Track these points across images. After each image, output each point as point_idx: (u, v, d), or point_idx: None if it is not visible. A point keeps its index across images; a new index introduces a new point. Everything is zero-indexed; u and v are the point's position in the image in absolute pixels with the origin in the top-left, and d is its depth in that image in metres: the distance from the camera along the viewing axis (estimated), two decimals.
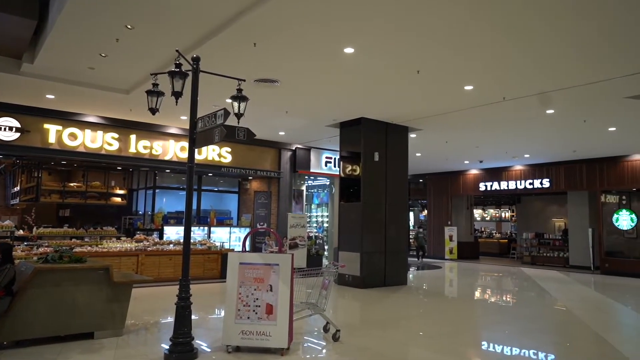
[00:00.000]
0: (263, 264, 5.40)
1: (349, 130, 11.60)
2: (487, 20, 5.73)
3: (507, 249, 22.45)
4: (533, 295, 11.27)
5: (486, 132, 12.34)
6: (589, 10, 5.41)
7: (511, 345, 6.28)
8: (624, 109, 9.52)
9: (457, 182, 20.05)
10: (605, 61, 7.01)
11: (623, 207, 15.61)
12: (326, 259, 15.10)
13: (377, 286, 10.85)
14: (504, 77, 7.87)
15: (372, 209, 11.13)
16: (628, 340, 6.93)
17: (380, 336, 6.48)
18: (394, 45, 6.58)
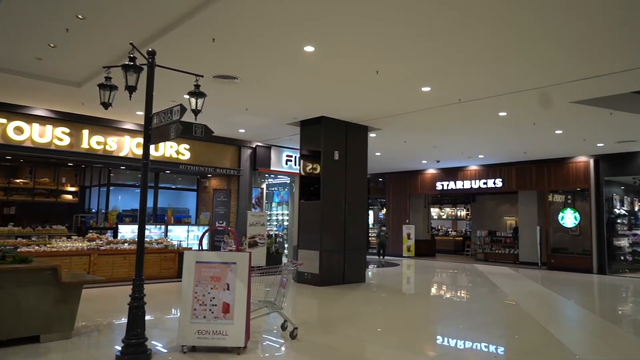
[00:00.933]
0: (220, 263, 5.35)
1: (309, 129, 11.63)
2: (444, 24, 5.88)
3: (462, 246, 23.18)
4: (485, 290, 11.69)
5: (443, 133, 12.68)
6: (536, 18, 5.66)
7: (464, 339, 6.51)
8: (570, 113, 10.02)
9: (416, 182, 20.49)
10: (552, 67, 7.35)
11: (568, 206, 16.43)
12: (286, 258, 15.08)
13: (336, 284, 10.95)
14: (460, 80, 8.11)
15: (332, 207, 11.22)
16: (569, 332, 7.32)
17: (338, 333, 6.55)
18: (354, 45, 6.65)
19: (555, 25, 5.86)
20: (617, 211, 16.01)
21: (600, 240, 15.12)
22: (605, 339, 6.77)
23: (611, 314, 9.05)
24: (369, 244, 23.12)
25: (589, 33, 6.04)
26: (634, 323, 8.24)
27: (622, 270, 15.38)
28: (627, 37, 6.13)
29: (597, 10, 5.39)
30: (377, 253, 19.01)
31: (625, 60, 6.97)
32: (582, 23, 5.75)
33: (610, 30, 5.92)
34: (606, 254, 15.01)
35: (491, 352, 5.88)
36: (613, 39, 6.22)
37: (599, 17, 5.57)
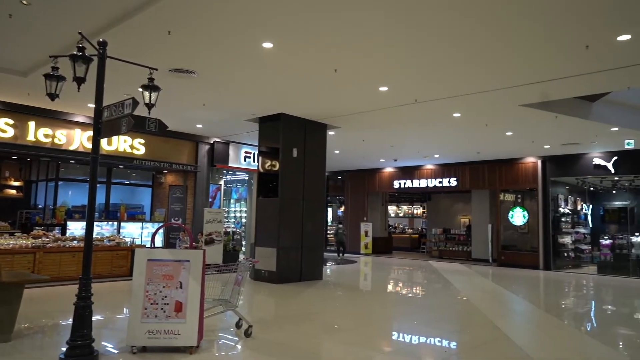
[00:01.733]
0: (173, 260, 5.23)
1: (268, 126, 11.56)
2: (401, 25, 5.98)
3: (418, 244, 23.72)
4: (439, 287, 12.01)
5: (400, 132, 12.92)
6: (485, 25, 5.85)
7: (419, 335, 6.67)
8: (520, 116, 10.43)
9: (374, 180, 20.78)
10: (502, 71, 7.63)
11: (517, 205, 17.14)
12: (244, 255, 14.96)
13: (293, 281, 10.95)
14: (416, 81, 8.28)
15: (290, 204, 11.20)
16: (516, 326, 7.65)
17: (294, 330, 6.55)
18: (313, 43, 6.66)
19: (504, 31, 6.08)
20: (562, 210, 16.84)
21: (547, 237, 15.85)
22: (548, 332, 7.11)
23: (555, 308, 9.52)
24: (327, 241, 23.28)
25: (535, 40, 6.30)
26: (575, 316, 8.71)
27: (566, 266, 16.21)
28: (570, 45, 6.44)
29: (541, 19, 5.64)
30: (337, 251, 19.14)
31: (569, 67, 7.33)
32: (527, 30, 6.00)
33: (554, 38, 6.20)
34: (551, 250, 15.76)
35: (443, 347, 6.06)
36: (557, 46, 6.52)
37: (541, 26, 5.83)
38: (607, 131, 11.74)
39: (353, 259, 18.03)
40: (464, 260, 18.41)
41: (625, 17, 5.58)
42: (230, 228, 16.73)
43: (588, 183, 17.51)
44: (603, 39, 6.20)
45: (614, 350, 6.16)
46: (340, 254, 18.84)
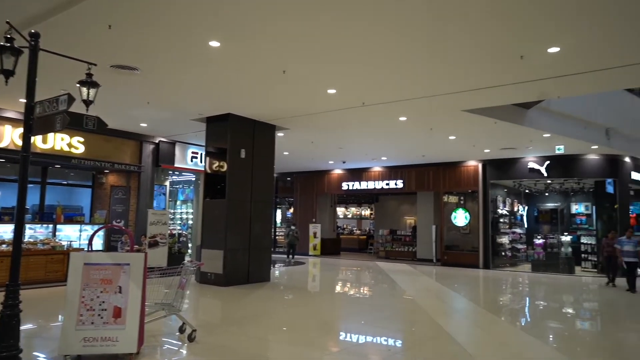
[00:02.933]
0: (112, 264, 5.02)
1: (215, 126, 11.35)
2: (349, 28, 6.06)
3: (366, 245, 24.12)
4: (385, 287, 12.27)
5: (349, 135, 13.09)
6: (428, 32, 6.05)
7: (366, 334, 6.79)
8: (462, 121, 10.86)
9: (323, 181, 20.92)
10: (446, 77, 7.91)
11: (460, 206, 17.83)
12: (190, 257, 14.59)
13: (240, 283, 10.81)
14: (363, 84, 8.42)
15: (238, 206, 11.06)
16: (456, 323, 7.95)
17: (240, 333, 6.47)
18: (261, 43, 6.61)
19: (447, 40, 6.31)
20: (500, 211, 17.69)
21: (486, 238, 16.59)
22: (485, 328, 7.44)
23: (492, 305, 9.98)
24: (276, 242, 23.18)
25: (476, 49, 6.59)
26: (510, 312, 9.17)
27: (503, 265, 17.04)
28: (507, 55, 6.79)
29: (481, 30, 5.90)
30: (287, 252, 19.00)
31: (506, 75, 7.72)
32: (469, 40, 6.26)
33: (493, 48, 6.52)
34: (491, 250, 16.52)
35: (388, 345, 6.19)
36: (495, 56, 6.85)
37: (481, 36, 6.10)
38: (540, 137, 12.46)
39: (301, 261, 18.05)
40: (409, 261, 18.89)
41: (553, 30, 5.95)
42: (176, 230, 16.28)
43: (524, 186, 18.51)
44: (536, 50, 6.58)
45: (544, 343, 6.54)
46: (290, 255, 18.77)
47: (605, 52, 6.63)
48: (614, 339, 7.05)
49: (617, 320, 8.49)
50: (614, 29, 5.85)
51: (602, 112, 13.11)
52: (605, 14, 5.46)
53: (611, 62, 7.00)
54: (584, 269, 15.66)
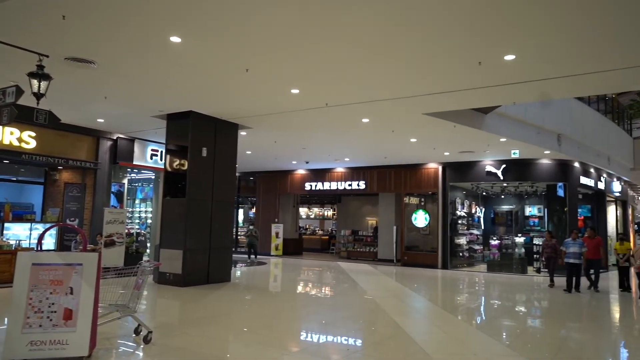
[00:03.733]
0: (63, 264, 4.82)
1: (176, 123, 11.12)
2: (312, 30, 6.07)
3: (328, 245, 24.22)
4: (346, 287, 12.36)
5: (312, 135, 13.12)
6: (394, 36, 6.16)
7: (326, 334, 6.83)
8: (423, 124, 11.08)
9: (285, 181, 20.87)
10: (407, 81, 8.06)
11: (420, 207, 18.19)
12: (148, 257, 14.24)
13: (200, 284, 10.63)
14: (327, 84, 8.45)
15: (199, 205, 10.88)
16: (414, 322, 8.12)
17: (198, 334, 6.36)
18: (223, 40, 6.52)
19: (409, 43, 6.43)
20: (459, 213, 18.18)
21: (445, 238, 17.01)
22: (442, 326, 7.62)
23: (449, 305, 10.25)
24: (238, 242, 22.94)
25: (436, 54, 6.75)
26: (466, 311, 9.44)
27: (461, 265, 17.51)
28: (466, 61, 6.98)
29: (442, 35, 6.05)
30: (247, 252, 18.80)
31: (465, 81, 7.94)
32: (429, 44, 6.41)
33: (453, 53, 6.69)
34: (449, 251, 16.94)
35: (348, 344, 6.24)
36: (455, 61, 7.04)
37: (442, 41, 6.26)
38: (497, 141, 12.88)
39: (263, 261, 17.94)
40: (370, 261, 19.11)
41: (509, 38, 6.17)
42: (134, 229, 15.85)
43: (481, 188, 19.10)
44: (493, 57, 6.80)
45: (497, 341, 6.77)
46: (252, 255, 18.59)
47: (558, 61, 6.93)
48: (560, 336, 7.37)
49: (562, 319, 8.88)
50: (566, 39, 6.12)
51: (554, 119, 13.71)
52: (558, 25, 5.71)
53: (564, 71, 7.32)
54: (536, 269, 16.29)
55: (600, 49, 6.42)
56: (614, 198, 20.70)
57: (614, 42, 6.17)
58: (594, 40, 6.12)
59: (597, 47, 6.37)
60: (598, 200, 18.99)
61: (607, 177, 18.88)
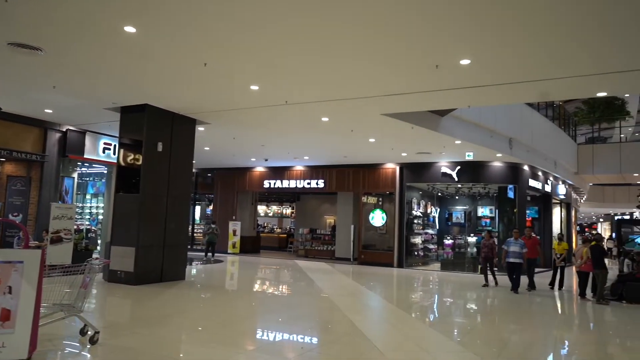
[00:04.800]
0: (1, 262, 4.55)
1: (131, 117, 10.75)
2: (273, 25, 6.01)
3: (286, 243, 24.16)
4: (303, 285, 12.37)
5: (271, 132, 13.02)
6: (352, 36, 6.19)
7: (282, 332, 6.82)
8: (381, 124, 11.22)
9: (244, 179, 20.64)
10: (366, 81, 8.13)
11: (378, 207, 18.46)
12: (98, 255, 13.72)
13: (153, 282, 10.34)
14: (287, 82, 8.41)
15: (153, 201, 10.57)
16: (369, 321, 8.23)
17: (149, 334, 6.18)
18: (181, 33, 6.35)
19: (367, 43, 6.48)
20: (415, 213, 18.58)
21: (401, 238, 17.32)
22: (396, 324, 7.76)
23: (403, 303, 10.45)
24: (194, 240, 22.51)
25: (394, 55, 6.85)
26: (419, 309, 9.65)
27: (416, 264, 17.90)
28: (424, 63, 7.13)
29: (400, 36, 6.15)
30: (205, 250, 18.37)
31: (423, 83, 8.10)
32: (387, 45, 6.49)
33: (410, 55, 6.81)
34: (404, 250, 17.27)
35: (303, 343, 6.24)
36: (413, 63, 7.17)
37: (400, 42, 6.36)
38: (452, 143, 13.24)
39: (220, 259, 17.68)
40: (328, 259, 19.21)
41: (465, 43, 6.34)
42: (83, 225, 15.23)
43: (437, 189, 19.60)
44: (450, 60, 6.97)
45: (448, 338, 6.95)
46: (210, 253, 18.21)
47: (511, 67, 7.19)
48: (507, 332, 7.67)
49: (509, 316, 9.24)
50: (520, 46, 6.35)
51: (506, 123, 14.23)
52: (512, 32, 5.92)
53: (516, 77, 7.61)
54: None
55: (554, 56, 6.71)
56: (559, 200, 21.74)
57: (565, 51, 6.46)
58: (545, 49, 6.38)
59: (548, 56, 6.65)
60: (545, 202, 19.90)
61: (553, 181, 19.80)
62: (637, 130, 29.93)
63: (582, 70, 7.19)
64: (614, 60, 6.74)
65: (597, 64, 6.88)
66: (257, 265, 16.78)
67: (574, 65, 6.97)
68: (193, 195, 22.67)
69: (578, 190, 24.95)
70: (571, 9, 5.25)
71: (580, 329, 8.60)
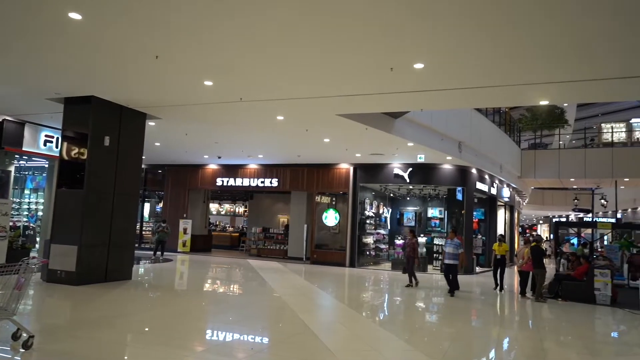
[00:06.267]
0: None
1: (75, 108, 10.22)
2: (228, 20, 5.88)
3: (238, 242, 23.84)
4: (255, 285, 12.24)
5: (225, 130, 12.79)
6: (308, 37, 6.18)
7: (233, 332, 6.71)
8: (336, 124, 11.28)
9: (196, 176, 20.18)
10: (321, 81, 8.14)
11: (331, 207, 18.56)
12: (36, 253, 12.97)
13: (97, 282, 9.90)
14: (242, 79, 8.27)
15: (98, 197, 10.12)
16: (319, 320, 8.25)
17: (89, 337, 5.88)
18: (131, 23, 6.10)
19: (321, 44, 6.48)
20: (367, 213, 18.82)
21: (353, 237, 17.51)
22: (345, 323, 7.82)
23: (353, 302, 10.55)
24: (143, 238, 21.77)
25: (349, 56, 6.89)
26: (371, 308, 9.78)
27: (367, 263, 18.15)
28: (379, 66, 7.22)
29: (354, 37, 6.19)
30: (154, 249, 17.77)
31: (377, 85, 8.21)
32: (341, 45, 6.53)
33: (365, 57, 6.88)
34: (357, 249, 17.47)
35: (254, 343, 6.16)
36: (368, 65, 7.24)
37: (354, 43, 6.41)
38: (405, 145, 13.52)
39: (169, 258, 17.19)
40: (280, 259, 19.13)
41: (418, 48, 6.48)
42: (21, 222, 14.35)
43: (389, 190, 19.96)
44: (404, 64, 7.09)
45: (396, 336, 7.08)
46: (158, 252, 17.63)
47: (461, 74, 7.41)
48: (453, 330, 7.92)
49: (455, 315, 9.54)
50: (469, 55, 6.56)
51: (456, 128, 14.70)
52: (463, 40, 6.10)
53: (465, 83, 7.86)
54: (435, 267, 17.36)
55: (501, 65, 6.97)
56: (504, 203, 22.72)
57: (514, 59, 6.73)
58: (494, 57, 6.62)
59: (497, 64, 6.91)
60: (490, 204, 20.72)
61: (499, 184, 20.66)
62: (574, 138, 31.83)
63: (524, 79, 7.53)
64: (557, 72, 7.10)
65: (539, 74, 7.23)
66: (208, 265, 16.44)
67: (516, 74, 7.29)
68: (142, 192, 21.94)
69: (521, 193, 26.17)
70: (513, 26, 5.48)
71: (520, 325, 9.00)
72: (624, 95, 9.64)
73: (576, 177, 22.31)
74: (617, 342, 8.07)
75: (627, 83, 7.37)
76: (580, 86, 7.70)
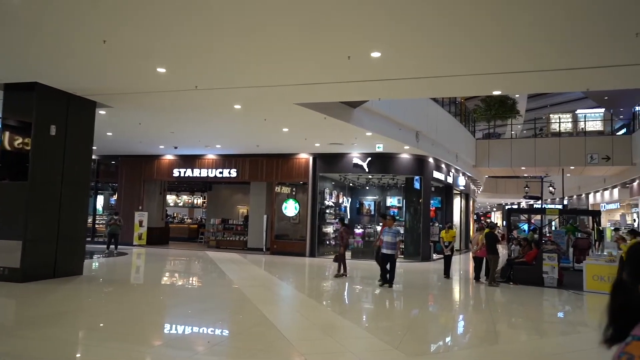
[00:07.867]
0: None
1: (17, 95, 9.64)
2: (180, 6, 5.67)
3: (197, 234, 23.41)
4: (213, 277, 12.06)
5: (181, 119, 12.43)
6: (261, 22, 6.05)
7: (192, 325, 6.61)
8: (294, 114, 11.19)
9: (152, 167, 19.59)
10: (277, 69, 8.01)
11: (291, 197, 18.50)
12: None
13: (44, 278, 9.45)
14: (197, 66, 8.03)
15: (44, 189, 9.63)
16: (278, 310, 8.23)
17: (35, 336, 5.60)
18: (76, 4, 5.76)
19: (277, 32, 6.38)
20: (327, 203, 18.89)
21: (313, 227, 17.53)
22: (304, 313, 7.82)
23: (314, 292, 10.59)
24: (96, 232, 20.99)
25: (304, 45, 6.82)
26: (330, 298, 9.84)
27: (327, 253, 18.23)
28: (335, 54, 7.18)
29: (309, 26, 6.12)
30: (107, 243, 17.13)
31: (334, 74, 8.18)
32: (296, 35, 6.45)
33: (321, 46, 6.82)
34: (317, 239, 17.52)
35: (213, 335, 6.05)
36: (323, 54, 7.19)
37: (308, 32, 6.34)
38: (363, 135, 13.60)
39: (124, 251, 16.65)
40: (240, 250, 18.93)
41: (375, 36, 6.48)
42: None
43: (348, 179, 20.09)
44: (361, 53, 7.08)
45: (355, 324, 7.16)
46: (111, 246, 17.02)
47: (417, 63, 7.49)
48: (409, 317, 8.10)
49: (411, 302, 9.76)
50: (425, 44, 6.63)
51: (413, 117, 14.91)
52: (420, 29, 6.14)
53: (421, 72, 7.95)
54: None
55: (457, 55, 7.08)
56: (459, 191, 23.37)
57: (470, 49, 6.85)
58: (446, 47, 6.72)
59: (454, 53, 7.01)
60: (447, 192, 21.26)
61: (455, 173, 21.22)
62: (525, 128, 33.10)
63: (479, 69, 7.70)
64: (510, 62, 7.30)
65: (493, 64, 7.41)
66: (165, 257, 16.06)
67: (471, 64, 7.44)
68: (95, 184, 21.11)
69: (476, 181, 27.02)
70: (471, 13, 5.57)
71: (474, 309, 9.31)
72: (566, 87, 10.07)
73: (527, 165, 23.24)
74: (562, 322, 8.50)
75: (568, 75, 7.70)
76: (527, 77, 7.97)
